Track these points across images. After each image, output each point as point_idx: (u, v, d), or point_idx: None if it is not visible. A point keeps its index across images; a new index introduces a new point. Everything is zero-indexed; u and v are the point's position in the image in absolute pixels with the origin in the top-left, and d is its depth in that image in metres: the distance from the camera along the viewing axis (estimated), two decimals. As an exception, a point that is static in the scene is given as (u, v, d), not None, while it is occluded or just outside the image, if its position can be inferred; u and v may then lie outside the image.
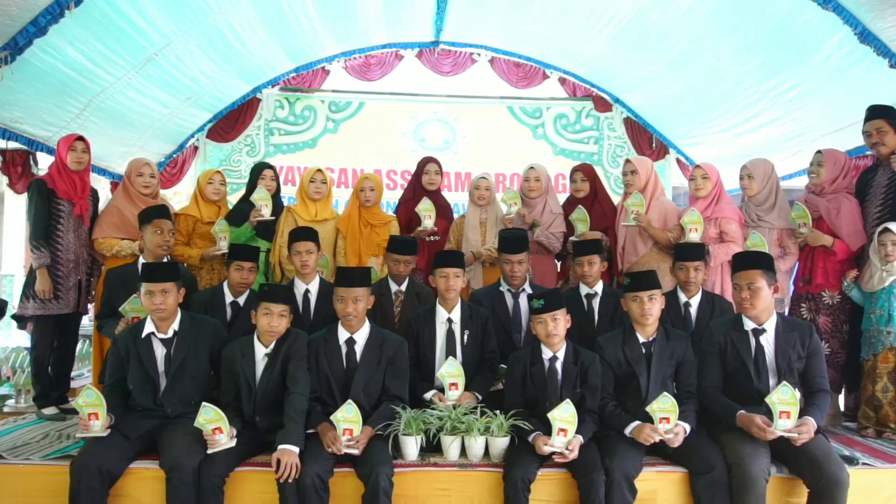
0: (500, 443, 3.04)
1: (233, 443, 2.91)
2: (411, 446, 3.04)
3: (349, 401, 3.02)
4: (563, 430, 2.92)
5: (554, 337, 3.15)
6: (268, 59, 6.50)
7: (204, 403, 2.88)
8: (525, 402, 3.20)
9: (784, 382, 2.91)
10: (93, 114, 5.13)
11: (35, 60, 4.18)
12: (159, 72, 5.31)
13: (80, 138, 4.12)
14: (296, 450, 2.87)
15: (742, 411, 2.97)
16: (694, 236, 3.94)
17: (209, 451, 2.87)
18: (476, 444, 3.04)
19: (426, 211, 4.34)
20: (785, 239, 4.07)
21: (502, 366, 3.56)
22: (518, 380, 3.23)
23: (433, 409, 3.16)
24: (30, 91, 4.45)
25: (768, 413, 2.92)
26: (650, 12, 5.31)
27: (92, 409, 2.90)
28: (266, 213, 4.27)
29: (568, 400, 2.97)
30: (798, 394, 2.92)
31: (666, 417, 2.97)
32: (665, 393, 3.01)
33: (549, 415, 2.92)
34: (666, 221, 4.21)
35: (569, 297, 3.70)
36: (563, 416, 2.93)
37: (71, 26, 4.13)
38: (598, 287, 3.81)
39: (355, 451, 2.92)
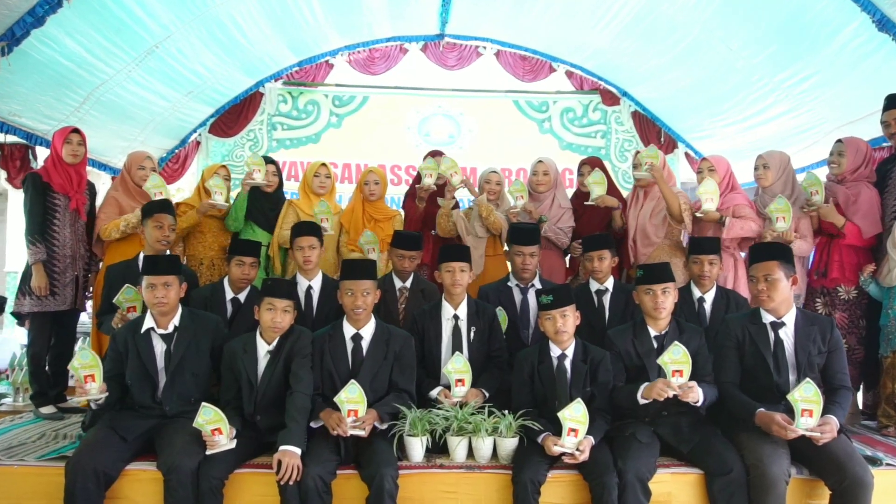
0: (509, 444, 2.95)
1: (232, 444, 2.84)
2: (417, 447, 2.96)
3: (352, 381, 2.95)
4: (573, 430, 2.83)
5: (563, 334, 3.07)
6: (270, 53, 6.42)
7: (204, 403, 2.81)
8: (533, 401, 3.12)
9: (807, 379, 2.79)
10: (92, 107, 5.07)
11: (33, 52, 4.13)
12: (160, 64, 5.25)
13: (76, 130, 4.04)
14: (297, 451, 2.79)
15: (762, 409, 2.86)
16: (710, 206, 3.83)
17: (208, 452, 2.80)
18: (484, 445, 2.96)
19: (428, 169, 4.26)
20: (799, 223, 3.92)
21: (499, 309, 3.54)
22: (526, 378, 3.15)
23: (439, 408, 3.07)
24: (28, 83, 4.40)
25: (787, 411, 2.81)
26: (659, 2, 5.22)
27: (88, 370, 2.86)
28: (258, 177, 4.23)
29: (579, 399, 2.89)
30: (821, 392, 2.81)
31: (679, 370, 2.87)
32: (676, 342, 2.92)
33: (559, 414, 2.84)
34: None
35: (578, 292, 3.62)
36: (574, 415, 2.84)
37: (69, 17, 4.09)
38: (609, 283, 3.72)
39: (362, 433, 2.86)
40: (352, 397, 2.90)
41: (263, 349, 3.10)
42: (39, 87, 4.51)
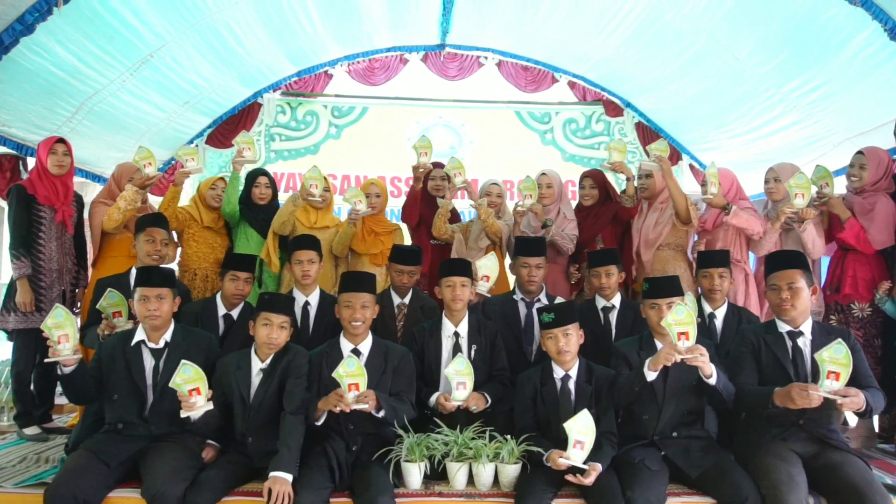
0: (511, 470, 2.82)
1: (209, 405, 2.76)
2: (414, 474, 2.83)
3: (349, 355, 2.86)
4: (579, 441, 2.69)
5: (565, 354, 2.95)
6: (268, 63, 6.34)
7: (184, 361, 2.72)
8: (537, 424, 3.00)
9: (839, 339, 2.64)
10: (85, 117, 4.98)
11: (23, 60, 4.04)
12: (155, 74, 5.16)
13: (61, 140, 3.93)
14: (289, 477, 2.67)
15: (778, 388, 2.71)
16: (713, 190, 3.74)
17: (183, 415, 2.72)
18: (485, 472, 2.82)
19: (423, 148, 4.15)
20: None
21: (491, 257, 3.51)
22: (528, 401, 3.03)
23: (438, 432, 2.93)
24: (18, 93, 4.31)
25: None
26: (664, 11, 5.12)
27: (61, 330, 2.76)
28: (249, 155, 4.17)
29: (585, 410, 2.76)
30: (851, 355, 2.62)
31: (684, 332, 2.71)
32: (679, 303, 2.78)
33: (565, 425, 2.70)
34: None
35: (584, 309, 3.50)
36: (580, 427, 2.70)
37: (60, 25, 4.00)
38: (616, 300, 3.60)
39: (365, 406, 2.76)
40: (351, 371, 2.80)
41: (257, 366, 2.99)
42: (30, 97, 4.42)
